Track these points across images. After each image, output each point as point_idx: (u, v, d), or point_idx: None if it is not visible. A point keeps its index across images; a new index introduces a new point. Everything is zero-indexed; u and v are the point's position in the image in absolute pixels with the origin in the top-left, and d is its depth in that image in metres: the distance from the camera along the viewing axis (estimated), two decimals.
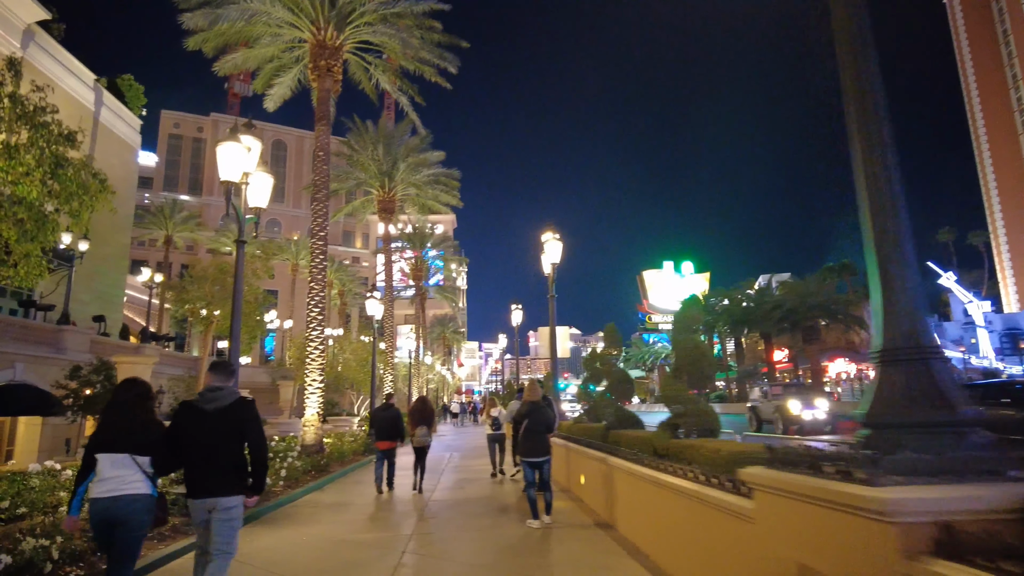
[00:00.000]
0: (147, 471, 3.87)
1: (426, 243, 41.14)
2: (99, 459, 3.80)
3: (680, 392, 6.13)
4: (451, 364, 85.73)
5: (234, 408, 4.08)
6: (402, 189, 28.00)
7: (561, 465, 10.55)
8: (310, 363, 14.74)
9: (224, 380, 4.22)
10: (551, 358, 15.04)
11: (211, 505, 3.96)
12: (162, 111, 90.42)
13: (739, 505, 3.43)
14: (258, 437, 4.16)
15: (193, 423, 4.05)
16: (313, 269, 15.20)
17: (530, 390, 7.95)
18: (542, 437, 7.60)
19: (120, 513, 3.74)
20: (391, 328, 27.37)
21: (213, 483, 3.98)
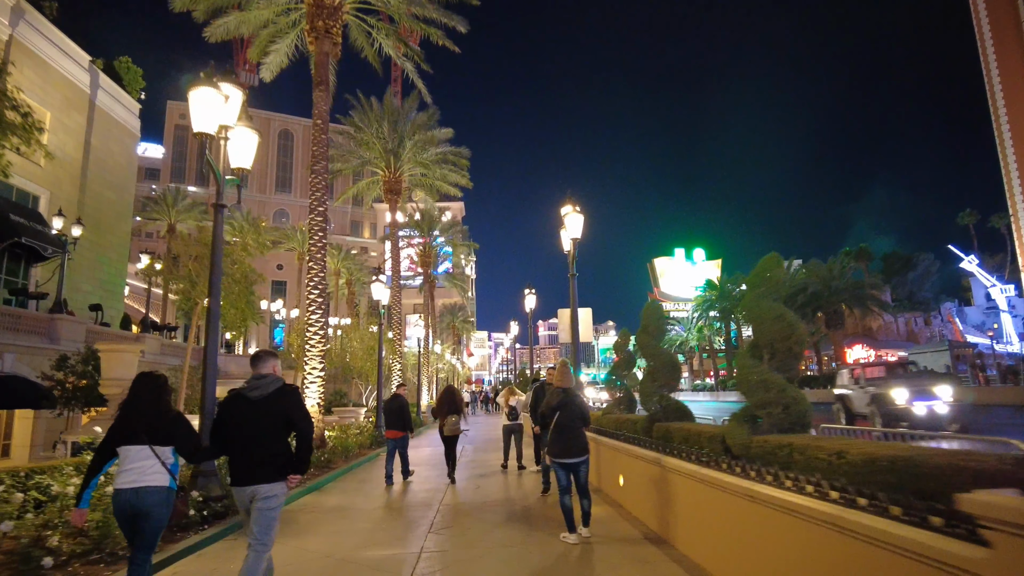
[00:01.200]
0: (167, 462, 3.94)
1: (434, 229, 39.81)
2: (123, 451, 3.89)
3: (762, 374, 4.77)
4: (461, 353, 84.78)
5: (278, 395, 4.15)
6: (409, 169, 26.65)
7: (591, 462, 9.27)
8: (309, 350, 13.50)
9: (268, 368, 4.27)
10: (572, 342, 13.72)
11: (251, 493, 4.01)
12: (168, 102, 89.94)
13: (956, 555, 2.08)
14: (304, 421, 4.20)
15: (239, 412, 4.11)
16: (311, 247, 13.92)
17: (561, 374, 6.62)
18: (578, 433, 6.30)
19: (141, 505, 3.81)
20: (399, 315, 26.14)
21: (256, 471, 4.03)
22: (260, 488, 4.00)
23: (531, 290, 24.83)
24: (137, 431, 3.92)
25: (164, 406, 4.10)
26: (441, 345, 56.46)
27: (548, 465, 8.72)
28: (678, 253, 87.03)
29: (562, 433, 6.22)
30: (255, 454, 4.06)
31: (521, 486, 10.14)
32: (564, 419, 6.24)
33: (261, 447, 4.07)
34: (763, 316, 4.86)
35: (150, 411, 4.00)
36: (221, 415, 4.19)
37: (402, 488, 10.38)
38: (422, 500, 9.15)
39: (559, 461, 6.19)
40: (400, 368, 26.91)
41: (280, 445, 4.15)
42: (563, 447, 6.19)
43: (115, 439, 3.94)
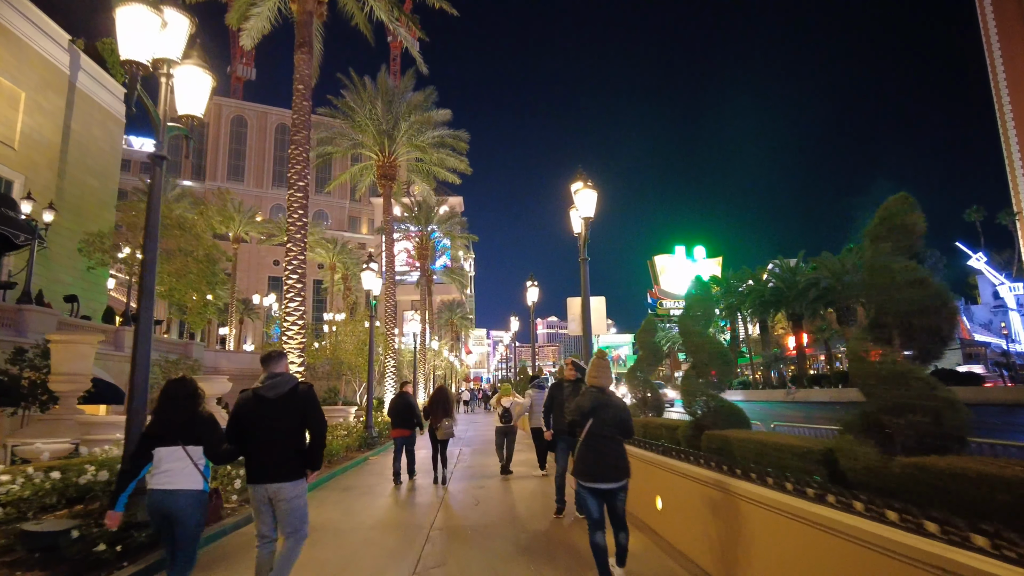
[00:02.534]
0: (199, 464, 3.96)
1: (432, 220, 38.19)
2: (157, 453, 3.90)
3: (898, 365, 3.25)
4: (459, 351, 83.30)
5: (293, 394, 4.23)
6: (404, 153, 25.06)
7: None
8: (287, 342, 11.96)
9: (281, 367, 4.35)
10: (583, 334, 12.18)
11: (273, 492, 4.05)
12: None
13: None
14: (318, 418, 4.31)
15: (255, 410, 4.15)
16: (290, 227, 12.37)
17: (597, 370, 5.02)
18: (617, 448, 4.76)
19: (174, 507, 3.82)
20: (392, 308, 24.59)
21: (274, 469, 4.07)
22: (283, 488, 4.06)
23: (533, 282, 23.35)
24: (171, 433, 3.96)
25: (199, 409, 4.13)
26: (439, 341, 54.92)
27: (580, 490, 7.24)
28: (678, 251, 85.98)
29: (595, 447, 4.69)
30: (272, 452, 4.11)
31: (528, 501, 8.61)
32: (598, 428, 4.71)
33: (279, 445, 4.13)
34: (893, 280, 3.34)
35: (186, 414, 4.03)
36: (237, 414, 4.24)
37: (392, 499, 8.89)
38: (410, 520, 7.62)
39: (591, 486, 4.66)
40: (395, 365, 25.37)
41: (298, 442, 4.23)
42: (596, 466, 4.65)
43: (150, 441, 3.97)
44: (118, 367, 25.48)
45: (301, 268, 12.31)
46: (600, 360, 5.04)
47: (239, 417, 4.23)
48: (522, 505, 8.34)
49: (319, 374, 35.53)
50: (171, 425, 3.99)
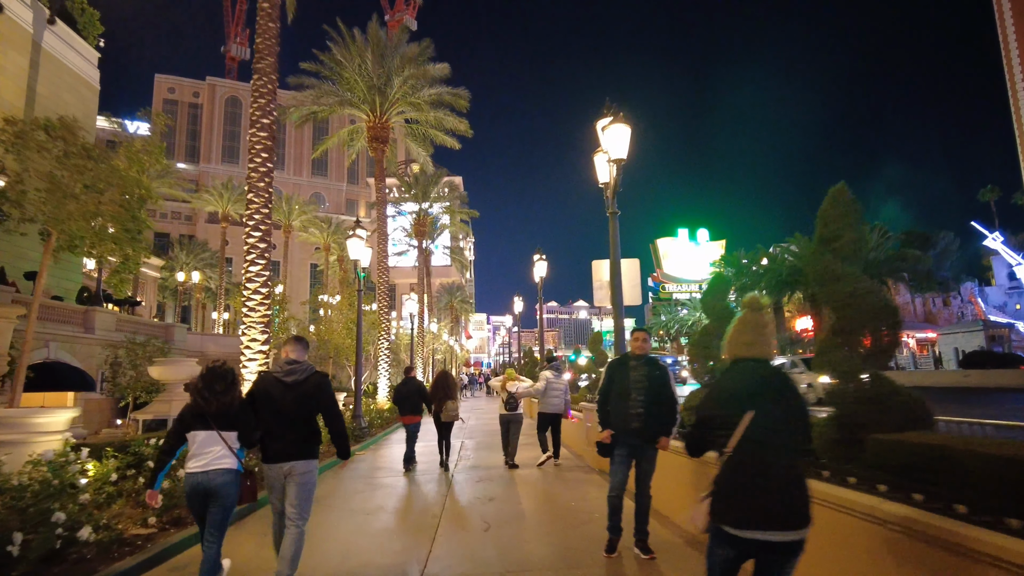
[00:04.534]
0: (233, 447, 4.11)
1: (429, 194, 35.71)
2: (193, 437, 4.06)
3: None
4: (459, 335, 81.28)
5: (310, 381, 4.32)
6: (397, 113, 22.60)
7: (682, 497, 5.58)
8: (248, 315, 9.70)
9: (301, 354, 4.42)
10: (613, 304, 9.92)
11: (288, 469, 4.18)
12: (156, 75, 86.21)
13: None
14: (334, 410, 4.45)
15: (272, 394, 4.25)
16: (251, 174, 10.05)
17: (753, 331, 2.68)
18: (793, 469, 2.47)
19: (212, 487, 3.97)
20: (386, 284, 22.29)
21: (291, 449, 4.20)
22: (297, 464, 4.18)
23: (541, 256, 21.17)
24: (206, 417, 4.07)
25: (235, 394, 4.18)
26: (438, 324, 52.75)
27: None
28: (681, 233, 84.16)
29: (756, 464, 2.46)
30: (289, 435, 4.22)
31: (562, 524, 6.38)
32: (763, 431, 2.44)
33: (296, 428, 4.24)
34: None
35: (222, 399, 4.08)
36: (254, 395, 4.31)
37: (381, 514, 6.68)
38: (395, 558, 5.40)
39: (744, 535, 2.41)
40: (389, 348, 23.16)
41: (313, 426, 4.36)
42: (758, 499, 2.43)
43: (185, 425, 4.11)
44: (87, 351, 23.22)
45: (265, 224, 10.00)
46: (755, 315, 2.74)
47: (256, 398, 4.31)
48: (557, 534, 6.12)
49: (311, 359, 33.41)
50: (207, 409, 4.07)
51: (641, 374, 4.92)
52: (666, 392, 4.94)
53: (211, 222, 68.85)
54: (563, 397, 9.97)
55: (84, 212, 6.91)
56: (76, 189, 6.96)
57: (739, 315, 2.77)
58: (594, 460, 9.27)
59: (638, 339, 5.07)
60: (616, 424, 4.92)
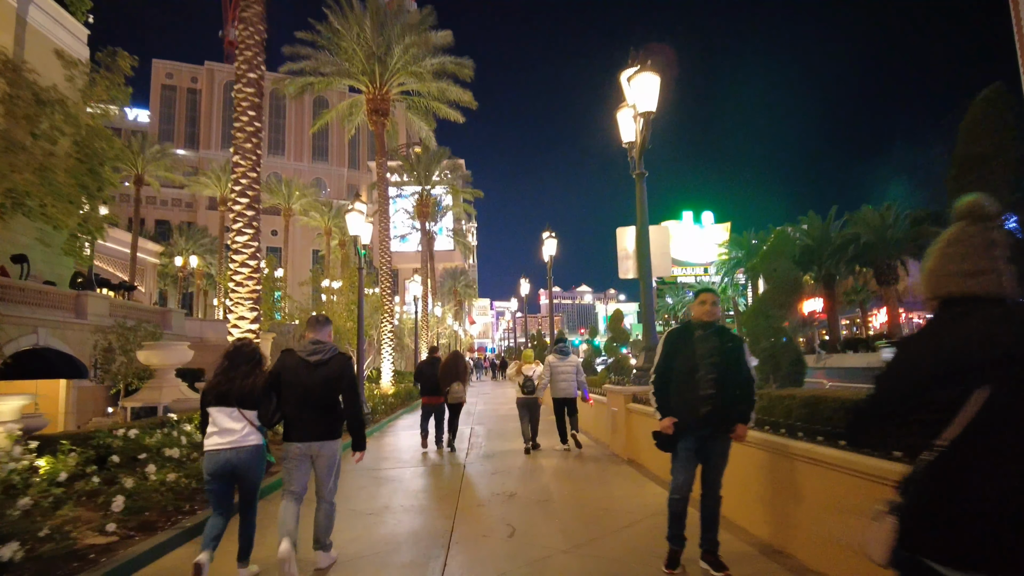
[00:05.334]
0: (255, 424, 4.11)
1: (432, 173, 34.52)
2: (212, 413, 4.09)
3: None
4: (463, 320, 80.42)
5: (333, 363, 4.27)
6: (398, 84, 21.42)
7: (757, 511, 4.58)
8: (235, 289, 8.70)
9: (325, 334, 4.38)
10: (640, 275, 8.90)
11: (312, 449, 4.21)
12: (153, 60, 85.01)
13: None
14: (352, 396, 4.37)
15: (294, 373, 4.21)
16: (237, 134, 8.99)
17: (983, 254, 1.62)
18: None
19: (242, 465, 4.02)
20: (388, 265, 21.28)
21: (312, 429, 4.20)
22: (321, 444, 4.22)
23: (551, 233, 20.18)
24: (230, 395, 4.06)
25: (258, 373, 4.21)
26: (442, 307, 51.79)
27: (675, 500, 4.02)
28: (686, 216, 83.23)
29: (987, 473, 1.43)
30: (311, 414, 4.19)
31: (599, 528, 5.41)
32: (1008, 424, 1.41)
33: (318, 408, 4.21)
34: None
35: (246, 377, 4.12)
36: (276, 374, 4.26)
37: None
38: (402, 573, 4.45)
39: None
40: (392, 331, 22.22)
41: (336, 407, 4.32)
42: (994, 526, 1.38)
43: (207, 402, 4.13)
44: (78, 337, 22.31)
45: (253, 189, 8.97)
46: (978, 229, 1.69)
47: (279, 378, 4.24)
48: (598, 543, 5.14)
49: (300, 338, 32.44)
50: (231, 387, 4.08)
51: (711, 346, 3.91)
52: (742, 368, 3.94)
53: (211, 208, 67.92)
54: (573, 380, 9.40)
55: (32, 165, 5.93)
56: (23, 138, 5.98)
57: (951, 230, 1.73)
58: (623, 449, 8.30)
59: (706, 302, 4.04)
60: (680, 410, 3.90)
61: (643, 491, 6.51)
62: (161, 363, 14.23)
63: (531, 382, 9.55)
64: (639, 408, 7.73)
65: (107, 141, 7.79)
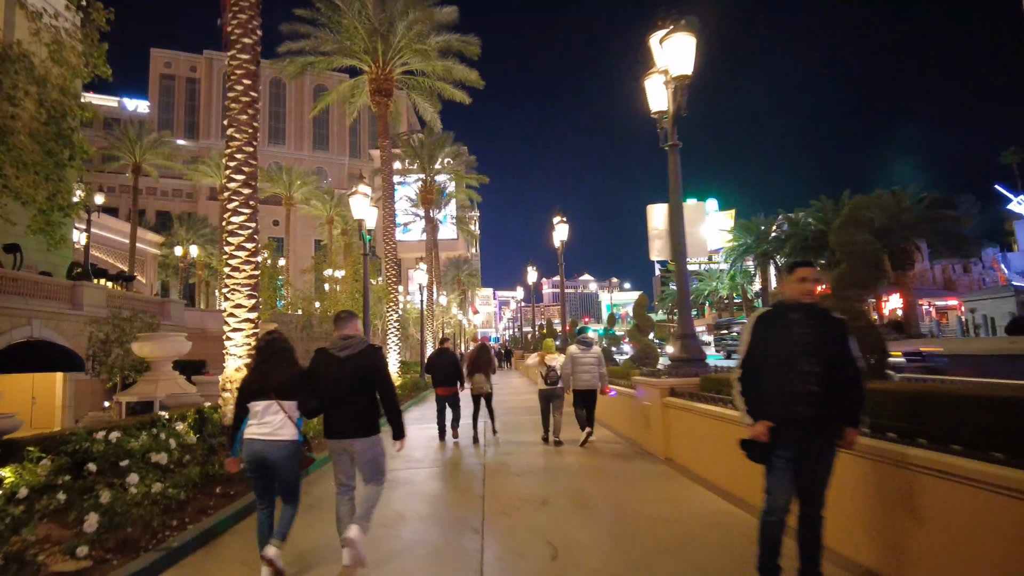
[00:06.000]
0: (293, 416, 4.11)
1: (436, 156, 33.61)
2: (253, 407, 4.07)
3: None
4: (466, 310, 79.75)
5: (364, 355, 4.27)
6: (401, 64, 20.52)
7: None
8: (231, 275, 7.95)
9: (353, 328, 4.38)
10: (674, 255, 8.13)
11: (347, 446, 4.21)
12: (151, 49, 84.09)
13: None
14: (386, 385, 4.34)
15: (326, 369, 4.22)
16: (231, 104, 8.20)
17: None
18: None
19: (272, 456, 3.99)
20: (392, 251, 20.50)
21: (347, 426, 4.19)
22: (358, 442, 4.18)
23: (562, 218, 19.40)
24: (267, 387, 4.07)
25: (293, 365, 4.24)
26: (447, 297, 51.05)
27: (771, 523, 3.23)
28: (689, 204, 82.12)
29: None
30: (346, 410, 4.18)
31: (653, 545, 4.68)
32: None
33: (352, 404, 4.19)
34: None
35: (282, 369, 4.15)
36: (312, 371, 4.27)
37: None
38: None
39: None
40: (398, 320, 21.51)
41: (371, 400, 4.29)
42: None
43: (246, 394, 4.12)
44: (74, 328, 21.62)
45: (250, 165, 8.17)
46: None
47: (313, 374, 4.26)
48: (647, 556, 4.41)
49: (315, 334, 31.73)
50: (267, 379, 4.10)
51: (812, 332, 3.15)
52: (848, 359, 3.17)
53: (212, 199, 67.14)
54: (595, 371, 8.86)
55: None
56: None
57: None
58: (660, 447, 7.56)
59: (806, 278, 3.26)
60: (775, 410, 3.14)
61: (691, 495, 5.77)
62: (157, 355, 13.52)
63: (554, 372, 9.18)
64: (679, 403, 6.98)
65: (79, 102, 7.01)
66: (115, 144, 40.76)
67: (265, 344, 4.30)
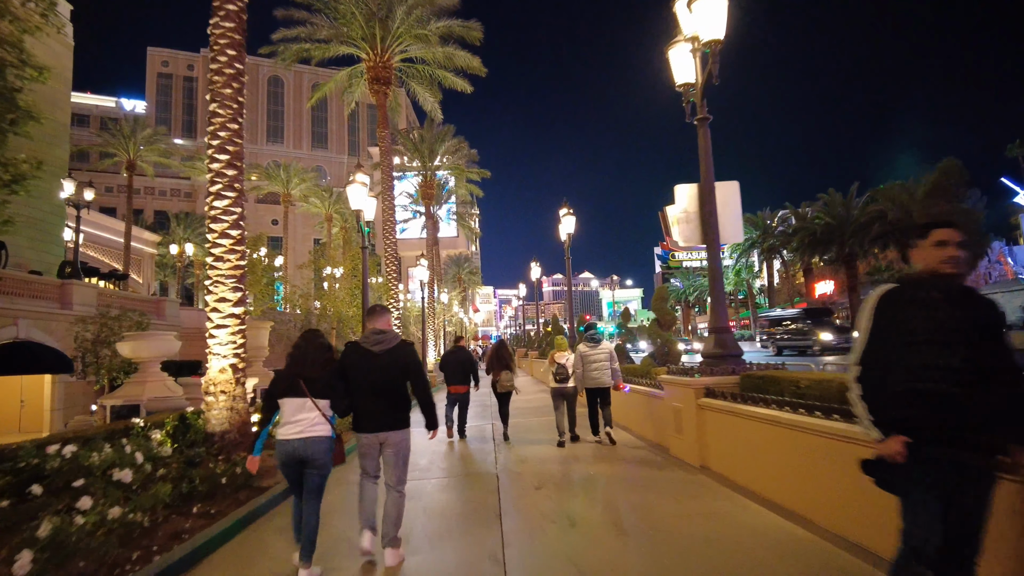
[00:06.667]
0: (327, 414, 4.12)
1: (436, 149, 32.74)
2: (284, 404, 4.09)
3: None
4: (467, 308, 78.97)
5: (398, 350, 4.35)
6: (401, 51, 19.71)
7: None
8: (215, 266, 7.16)
9: (385, 323, 4.44)
10: (707, 240, 7.35)
11: (381, 439, 4.30)
12: (148, 48, 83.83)
13: None
14: (422, 380, 4.48)
15: (360, 363, 4.27)
16: (215, 78, 7.40)
17: None
18: None
19: (309, 454, 4.01)
20: (392, 244, 19.70)
21: (381, 420, 4.27)
22: (391, 435, 4.28)
23: (569, 210, 18.65)
24: (299, 385, 4.06)
25: (328, 363, 4.22)
26: (448, 295, 50.22)
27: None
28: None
29: None
30: (380, 404, 4.26)
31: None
32: None
33: (386, 398, 4.28)
34: None
35: (316, 367, 4.14)
36: (343, 366, 4.30)
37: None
38: None
39: None
40: (399, 319, 20.69)
41: (403, 394, 4.39)
42: None
43: (277, 392, 4.13)
44: (64, 328, 20.82)
45: (234, 144, 7.36)
46: None
47: (345, 369, 4.29)
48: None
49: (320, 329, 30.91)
50: (301, 376, 4.08)
51: (957, 316, 2.36)
52: (1006, 354, 2.38)
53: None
54: (606, 367, 8.60)
55: None
56: None
57: None
58: (693, 453, 6.76)
59: (946, 242, 2.48)
60: (915, 422, 2.35)
61: (742, 510, 4.99)
62: (143, 355, 12.72)
63: (564, 370, 8.93)
64: (718, 404, 6.19)
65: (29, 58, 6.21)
66: (108, 141, 39.92)
67: (303, 340, 4.29)
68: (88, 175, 50.50)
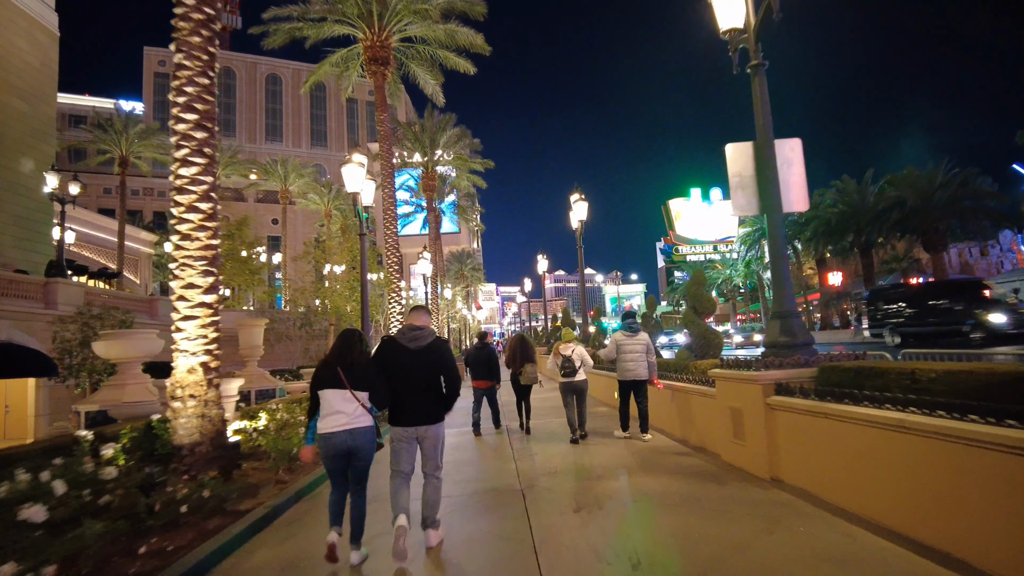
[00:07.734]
0: (367, 405, 4.23)
1: (438, 139, 31.51)
2: (325, 396, 4.20)
3: None
4: (470, 305, 77.86)
5: (433, 346, 4.45)
6: (399, 28, 18.51)
7: None
8: (181, 246, 6.04)
9: (424, 320, 4.59)
10: (767, 208, 6.17)
11: (420, 432, 4.39)
12: (145, 48, 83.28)
13: None
14: (454, 374, 4.54)
15: (396, 359, 4.39)
16: (178, 23, 6.24)
17: None
18: None
19: (356, 445, 4.15)
20: (393, 239, 18.52)
21: (419, 414, 4.36)
22: (428, 428, 4.37)
23: (580, 196, 17.58)
24: (340, 378, 4.17)
25: (367, 357, 4.37)
26: (452, 290, 49.04)
27: None
28: (694, 194, 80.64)
29: None
30: (416, 399, 4.35)
31: None
32: None
33: (421, 393, 4.37)
34: None
35: (357, 360, 4.26)
36: (380, 360, 4.41)
37: None
38: None
39: None
40: (400, 314, 19.55)
41: (438, 389, 4.47)
42: None
43: (320, 384, 4.23)
44: (49, 329, 19.73)
45: (204, 102, 6.20)
46: None
47: (382, 364, 4.39)
48: None
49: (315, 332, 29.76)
50: (342, 370, 4.20)
51: None
52: None
53: None
54: (643, 360, 8.09)
55: None
56: None
57: None
58: (760, 463, 5.58)
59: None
60: None
61: (849, 541, 3.80)
62: (121, 355, 11.55)
63: (570, 363, 8.44)
64: (798, 404, 4.99)
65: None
66: (100, 137, 38.80)
67: (344, 336, 4.39)
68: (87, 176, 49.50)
